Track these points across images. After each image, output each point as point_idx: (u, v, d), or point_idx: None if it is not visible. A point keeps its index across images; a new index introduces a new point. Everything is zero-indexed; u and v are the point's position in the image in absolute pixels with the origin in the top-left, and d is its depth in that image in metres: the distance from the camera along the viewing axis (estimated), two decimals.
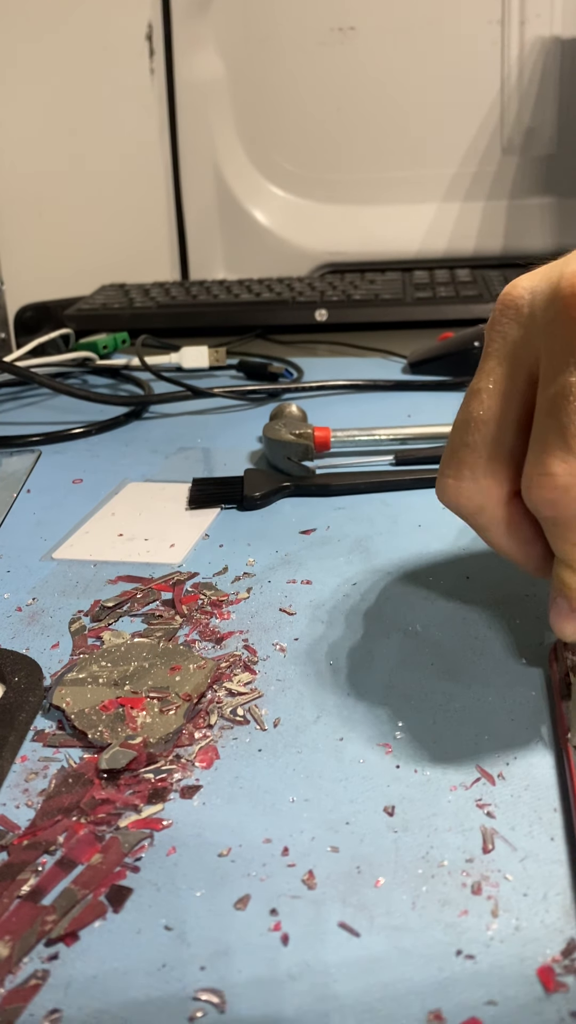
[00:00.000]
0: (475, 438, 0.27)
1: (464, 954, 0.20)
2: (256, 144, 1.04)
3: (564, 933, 0.21)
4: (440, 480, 0.28)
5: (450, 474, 0.27)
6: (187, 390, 0.62)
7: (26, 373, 0.61)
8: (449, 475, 0.28)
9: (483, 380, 0.27)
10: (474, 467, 0.27)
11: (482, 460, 0.27)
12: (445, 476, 0.28)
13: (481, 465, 0.27)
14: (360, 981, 0.20)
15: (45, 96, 0.92)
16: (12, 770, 0.27)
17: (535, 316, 0.26)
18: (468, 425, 0.27)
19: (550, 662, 0.30)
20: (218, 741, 0.28)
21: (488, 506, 0.27)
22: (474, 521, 0.28)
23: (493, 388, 0.27)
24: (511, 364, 0.27)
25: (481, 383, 0.27)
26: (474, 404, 0.27)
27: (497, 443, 0.27)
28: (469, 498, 0.27)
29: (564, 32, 0.94)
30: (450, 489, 0.28)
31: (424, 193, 1.01)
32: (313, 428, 0.49)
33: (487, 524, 0.28)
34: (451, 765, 0.26)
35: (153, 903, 0.22)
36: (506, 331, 0.27)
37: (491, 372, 0.27)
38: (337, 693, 0.30)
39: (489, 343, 0.27)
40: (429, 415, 0.58)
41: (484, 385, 0.27)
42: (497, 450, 0.27)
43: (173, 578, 0.38)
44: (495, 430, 0.27)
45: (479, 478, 0.27)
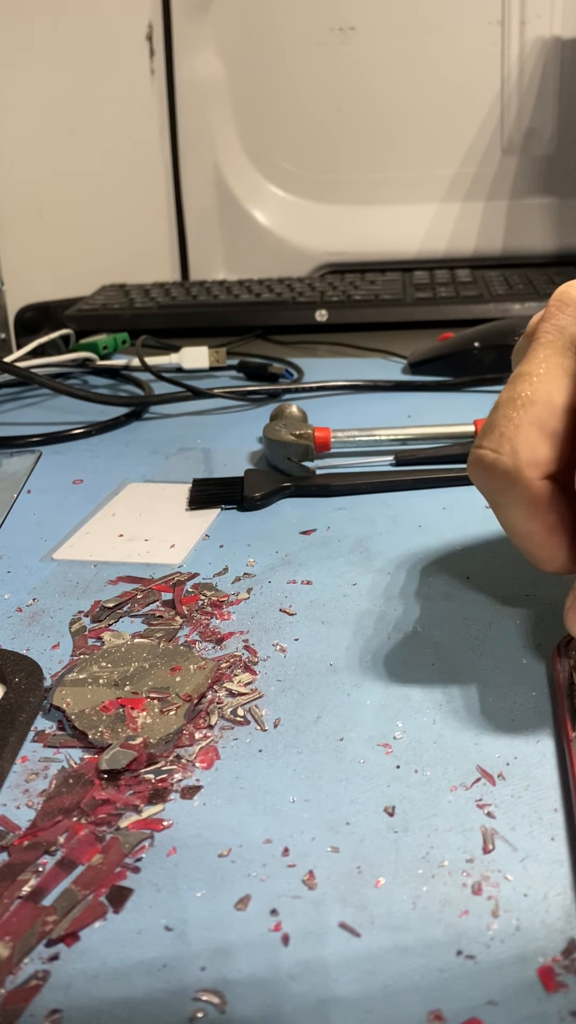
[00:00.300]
0: (520, 415, 0.27)
1: (464, 954, 0.21)
2: (256, 144, 1.04)
3: (564, 933, 0.21)
4: (475, 452, 0.28)
5: (489, 446, 0.27)
6: (187, 391, 0.62)
7: (26, 373, 0.61)
8: (487, 446, 0.27)
9: (533, 364, 0.28)
10: (514, 441, 0.27)
11: (524, 436, 0.27)
12: (482, 448, 0.27)
13: (522, 440, 0.27)
14: (360, 981, 0.20)
15: (45, 96, 0.92)
16: (12, 771, 0.27)
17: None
18: (514, 402, 0.27)
19: (553, 661, 0.30)
20: (218, 741, 0.28)
21: (520, 483, 0.27)
22: (502, 498, 0.28)
23: (544, 372, 0.27)
24: (565, 354, 0.28)
25: (531, 367, 0.28)
26: (522, 385, 0.27)
27: (542, 423, 0.27)
28: (505, 472, 0.27)
29: (564, 32, 0.94)
30: (486, 460, 0.27)
31: (424, 193, 1.01)
32: (313, 428, 0.49)
33: (515, 502, 0.27)
34: (451, 765, 0.26)
35: (153, 903, 0.22)
36: (562, 324, 0.28)
37: (543, 359, 0.28)
38: (337, 693, 0.30)
39: (542, 334, 0.28)
40: (429, 415, 0.58)
41: (535, 369, 0.28)
42: (541, 430, 0.27)
43: (173, 579, 0.38)
44: (541, 410, 0.27)
45: (519, 452, 0.27)
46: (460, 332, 0.69)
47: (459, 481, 0.47)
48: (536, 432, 0.27)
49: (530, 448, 0.27)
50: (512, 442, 0.27)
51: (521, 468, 0.27)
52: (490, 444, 0.27)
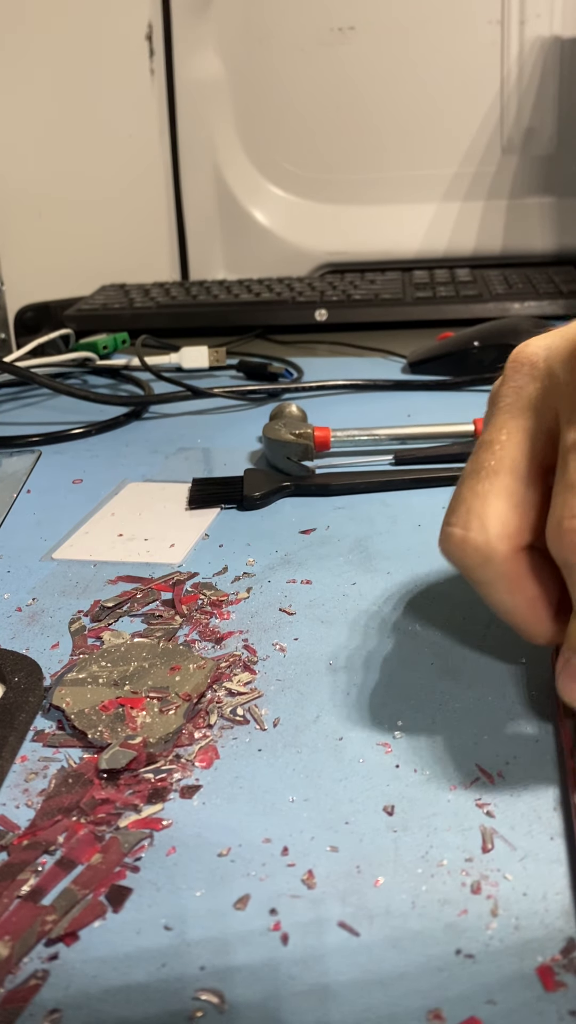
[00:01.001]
0: (486, 487, 0.26)
1: (464, 953, 0.21)
2: (256, 144, 1.04)
3: (563, 932, 0.21)
4: (445, 530, 0.27)
5: (458, 524, 0.26)
6: (187, 390, 0.62)
7: (26, 373, 0.61)
8: (456, 524, 0.27)
9: (496, 432, 0.27)
10: (484, 517, 0.26)
11: (493, 510, 0.26)
12: (451, 526, 0.27)
13: (492, 515, 0.26)
14: (359, 980, 0.20)
15: (45, 96, 0.92)
16: (12, 770, 0.27)
17: (553, 372, 0.26)
18: (479, 474, 0.27)
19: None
20: (218, 741, 0.28)
21: (495, 559, 0.26)
22: (479, 575, 0.27)
23: (507, 439, 0.27)
24: (527, 417, 0.27)
25: (493, 435, 0.27)
26: (485, 455, 0.27)
27: (509, 493, 0.26)
28: (476, 549, 0.26)
29: (564, 32, 0.94)
30: (457, 540, 0.26)
31: (424, 193, 1.01)
32: (313, 428, 0.49)
33: (492, 579, 0.27)
34: (451, 765, 0.26)
35: (153, 903, 0.22)
36: (520, 386, 0.27)
37: (504, 425, 0.27)
38: (337, 693, 0.30)
39: (502, 399, 0.27)
40: (429, 415, 0.58)
41: (496, 436, 0.27)
42: (509, 500, 0.26)
43: (173, 578, 0.38)
44: (508, 481, 0.26)
45: (489, 528, 0.26)
46: (460, 331, 0.69)
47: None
48: (504, 503, 0.26)
49: (500, 521, 0.26)
50: (480, 517, 0.26)
51: (492, 544, 0.26)
52: (458, 521, 0.26)
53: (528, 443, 0.26)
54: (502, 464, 0.26)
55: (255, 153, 1.04)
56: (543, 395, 0.26)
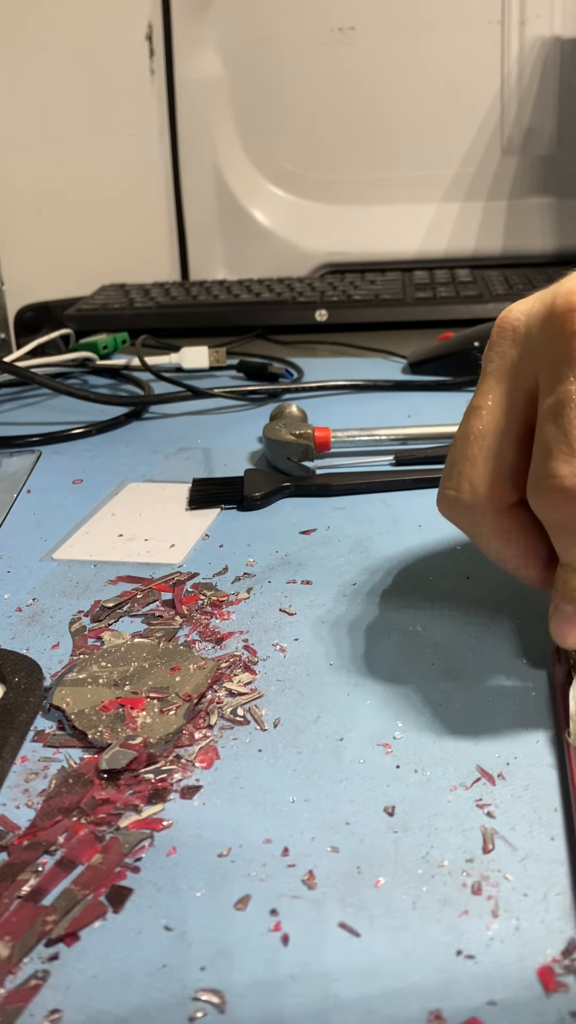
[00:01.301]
0: (474, 451, 0.28)
1: (464, 954, 0.20)
2: (256, 144, 1.04)
3: (564, 933, 0.21)
4: (441, 492, 0.29)
5: (450, 486, 0.29)
6: (187, 390, 0.62)
7: (26, 373, 0.61)
8: (449, 487, 0.29)
9: (482, 398, 0.28)
10: (473, 479, 0.28)
11: (481, 472, 0.28)
12: (445, 488, 0.29)
13: (480, 477, 0.28)
14: (360, 981, 0.20)
15: (45, 96, 0.92)
16: (12, 770, 0.27)
17: (531, 336, 0.27)
18: (468, 439, 0.28)
19: (553, 662, 0.30)
20: (218, 741, 0.28)
21: (487, 517, 0.28)
22: (473, 531, 0.29)
23: (492, 405, 0.28)
24: (510, 382, 0.28)
25: (480, 400, 0.28)
26: (474, 420, 0.28)
27: (497, 456, 0.28)
28: (469, 509, 0.28)
29: (564, 32, 0.94)
30: (450, 501, 0.29)
31: (424, 193, 1.01)
32: (313, 428, 0.49)
33: (487, 534, 0.29)
34: (451, 765, 0.26)
35: (153, 903, 0.22)
36: (504, 351, 0.28)
37: (490, 390, 0.28)
38: (337, 693, 0.30)
39: (487, 364, 0.29)
40: (429, 415, 0.58)
41: (483, 402, 0.28)
42: (496, 462, 0.28)
43: (173, 578, 0.38)
44: (494, 443, 0.28)
45: (478, 489, 0.28)
46: (460, 332, 0.69)
47: None
48: (492, 465, 0.28)
49: (488, 482, 0.28)
50: (470, 479, 0.28)
51: (483, 504, 0.28)
52: (451, 484, 0.29)
53: (511, 407, 0.28)
54: (488, 428, 0.28)
55: (255, 153, 1.04)
56: (523, 359, 0.28)
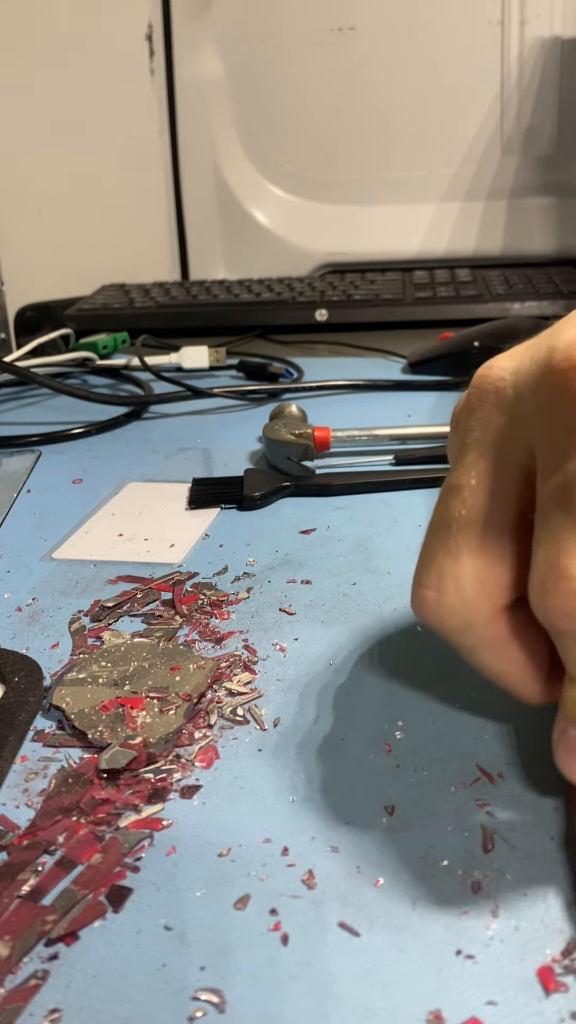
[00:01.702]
0: (458, 541, 0.23)
1: (464, 954, 0.20)
2: (256, 144, 1.04)
3: (564, 933, 0.21)
4: (417, 592, 0.24)
5: (430, 585, 0.23)
6: (187, 390, 0.62)
7: (26, 373, 0.61)
8: (429, 586, 0.23)
9: (463, 475, 0.23)
10: (459, 576, 0.23)
11: (468, 568, 0.23)
12: (424, 588, 0.23)
13: (467, 574, 0.23)
14: (360, 981, 0.20)
15: (45, 96, 0.92)
16: (12, 770, 0.27)
17: (523, 399, 0.23)
18: (449, 527, 0.23)
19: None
20: (218, 741, 0.28)
21: (477, 623, 0.23)
22: (460, 640, 0.24)
23: (477, 484, 0.23)
24: (497, 455, 0.23)
25: (461, 478, 0.23)
26: (454, 503, 0.23)
27: (484, 547, 0.23)
28: (454, 614, 0.23)
29: (564, 32, 0.94)
30: (431, 604, 0.23)
31: (424, 193, 1.01)
32: (313, 428, 0.49)
33: (476, 644, 0.24)
34: (451, 765, 0.26)
35: (153, 903, 0.22)
36: (487, 418, 0.23)
37: (472, 465, 0.23)
38: (337, 693, 0.30)
39: (467, 433, 0.24)
40: (429, 415, 0.58)
41: (465, 480, 0.23)
42: (485, 555, 0.23)
43: (173, 578, 0.38)
44: (482, 531, 0.23)
45: (465, 589, 0.23)
46: (460, 332, 0.69)
47: None
48: (480, 559, 0.23)
49: (477, 581, 0.23)
50: (455, 577, 0.23)
51: (472, 607, 0.23)
52: (431, 582, 0.23)
53: (501, 487, 0.23)
54: (474, 513, 0.23)
55: (255, 153, 1.04)
56: (513, 428, 0.23)
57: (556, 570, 0.20)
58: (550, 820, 0.24)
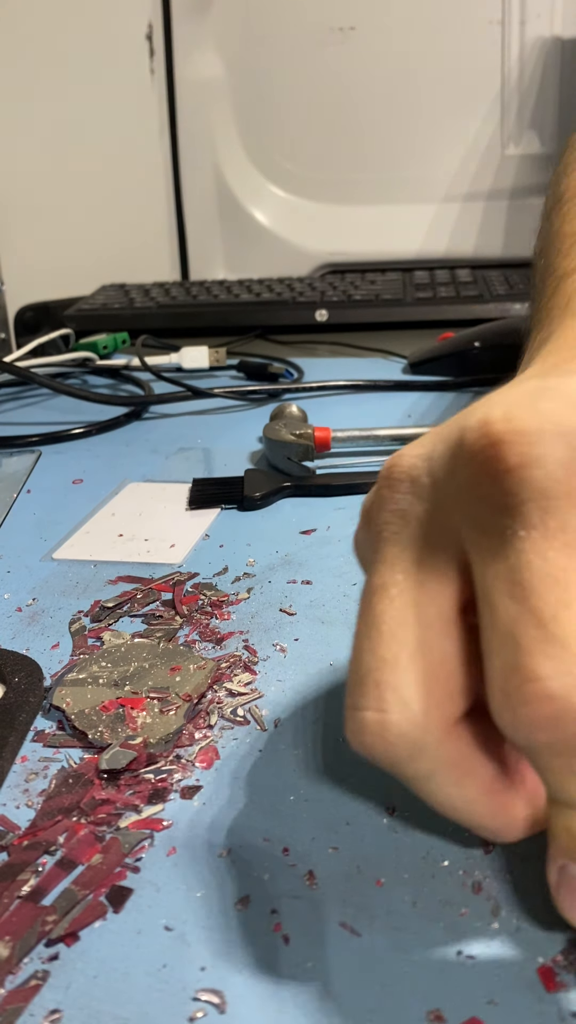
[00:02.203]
0: (394, 650, 0.20)
1: (464, 954, 0.20)
2: (256, 144, 1.04)
3: (564, 933, 0.21)
4: (354, 717, 0.20)
5: (368, 706, 0.20)
6: (187, 390, 0.62)
7: (26, 373, 0.61)
8: (367, 707, 0.20)
9: (386, 572, 0.21)
10: (400, 690, 0.19)
11: (410, 679, 0.19)
12: (360, 710, 0.20)
13: (410, 685, 0.19)
14: (360, 981, 0.20)
15: (45, 96, 0.92)
16: (12, 770, 0.27)
17: (439, 484, 0.21)
18: (380, 634, 0.20)
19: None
20: (218, 741, 0.28)
21: (430, 744, 0.19)
22: (413, 768, 0.20)
23: (404, 579, 0.20)
24: (422, 546, 0.21)
25: (385, 577, 0.21)
26: (382, 605, 0.20)
27: (425, 650, 0.20)
28: (401, 734, 0.19)
29: (564, 32, 0.94)
30: (372, 727, 0.19)
31: (424, 193, 1.01)
32: (313, 428, 0.49)
33: (432, 769, 0.20)
34: None
35: (153, 903, 0.22)
36: (404, 509, 0.21)
37: (396, 560, 0.21)
38: (337, 693, 0.30)
39: (382, 528, 0.21)
40: (429, 415, 0.58)
41: (390, 579, 0.21)
42: (427, 659, 0.20)
43: (173, 578, 0.38)
44: (419, 634, 0.20)
45: (411, 704, 0.19)
46: (460, 332, 0.69)
47: None
48: (423, 664, 0.20)
49: (423, 692, 0.19)
50: (397, 690, 0.19)
51: (421, 723, 0.19)
52: (369, 702, 0.20)
53: (432, 579, 0.20)
54: (406, 614, 0.20)
55: (255, 153, 1.04)
56: (435, 516, 0.21)
57: (520, 673, 0.18)
58: None
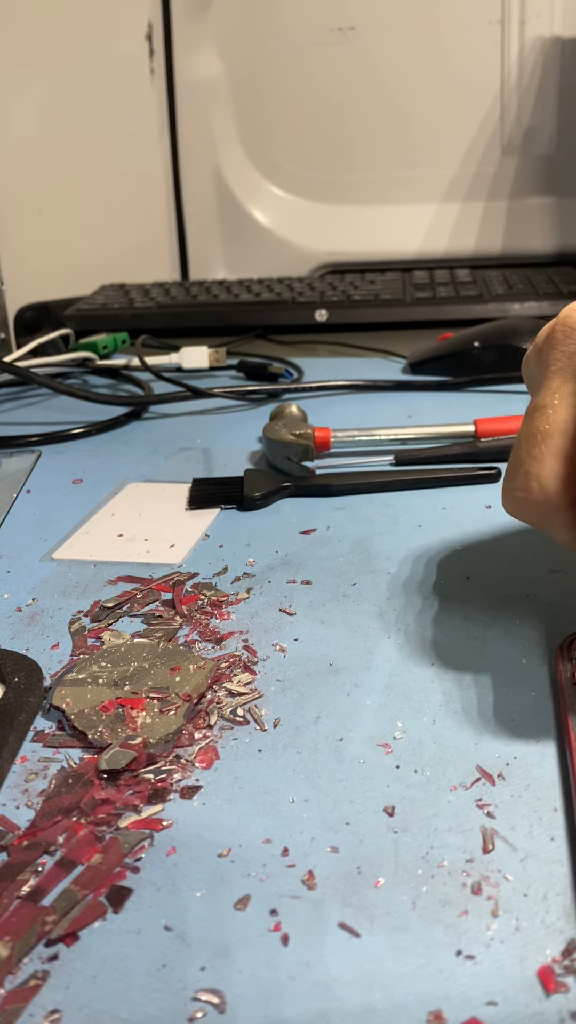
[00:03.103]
0: (542, 450, 0.28)
1: (464, 954, 0.20)
2: (256, 144, 1.04)
3: (564, 933, 0.21)
4: (508, 493, 0.29)
5: (518, 487, 0.28)
6: (187, 390, 0.62)
7: (26, 373, 0.61)
8: (517, 487, 0.28)
9: (548, 396, 0.28)
10: (542, 478, 0.28)
11: (549, 471, 0.28)
12: (513, 490, 0.28)
13: (549, 476, 0.28)
14: (360, 981, 0.20)
15: (45, 96, 0.92)
16: (12, 771, 0.27)
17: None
18: (535, 438, 0.28)
19: (556, 662, 0.30)
20: (218, 741, 0.28)
21: (559, 513, 0.28)
22: (546, 527, 0.29)
23: (559, 403, 0.28)
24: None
25: (546, 399, 0.28)
26: (539, 419, 0.28)
27: (564, 454, 0.27)
28: (540, 507, 0.28)
29: (564, 32, 0.94)
30: (519, 502, 0.28)
31: (424, 193, 1.01)
32: (313, 428, 0.49)
33: (561, 528, 0.28)
34: (451, 765, 0.26)
35: (153, 903, 0.22)
36: (571, 350, 0.28)
37: (557, 389, 0.28)
38: (337, 693, 0.30)
39: (552, 362, 0.29)
40: (429, 415, 0.58)
41: (550, 400, 0.28)
42: (565, 460, 0.27)
43: (173, 578, 0.38)
44: (562, 442, 0.28)
45: (548, 488, 0.28)
46: (460, 332, 0.69)
47: (459, 481, 0.47)
48: (561, 463, 0.27)
49: (559, 480, 0.27)
50: (539, 479, 0.28)
51: (553, 502, 0.28)
52: (518, 485, 0.28)
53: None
54: (555, 427, 0.28)
55: (255, 153, 1.04)
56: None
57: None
58: (550, 820, 0.24)
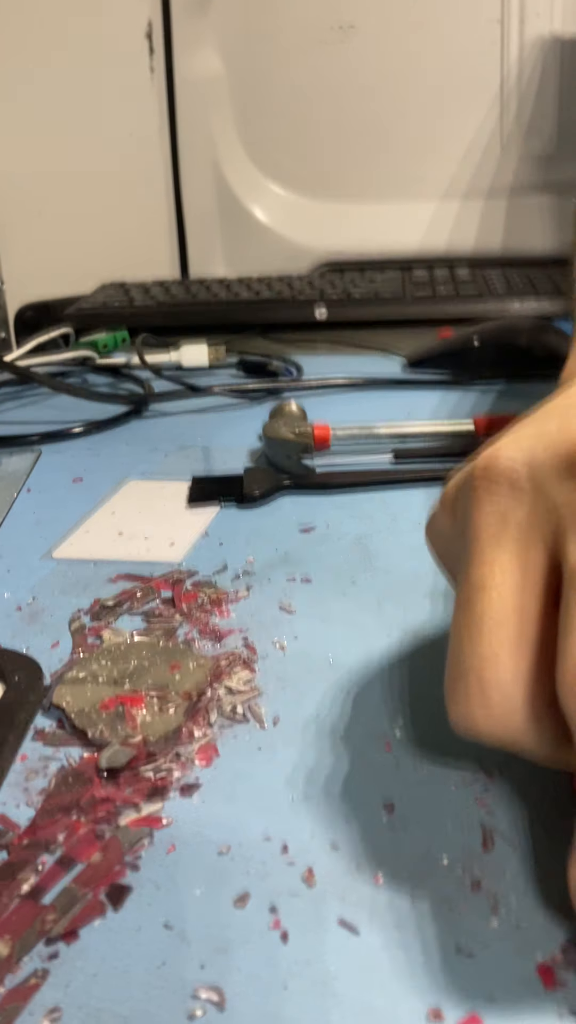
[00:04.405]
0: (494, 648, 0.21)
1: (464, 952, 0.20)
2: (256, 143, 1.04)
3: (564, 931, 0.21)
4: (460, 711, 0.22)
5: (475, 703, 0.21)
6: (187, 388, 0.62)
7: (26, 372, 0.61)
8: (474, 704, 0.21)
9: (487, 573, 0.22)
10: (503, 684, 0.21)
11: (509, 672, 0.21)
12: (469, 707, 0.21)
13: (509, 681, 0.21)
14: (360, 979, 0.20)
15: (44, 95, 0.92)
16: (12, 769, 0.27)
17: (543, 489, 0.22)
18: (480, 630, 0.21)
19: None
20: (218, 739, 0.28)
21: (532, 728, 0.21)
22: (517, 748, 0.22)
23: (503, 580, 0.22)
24: (523, 549, 0.22)
25: (486, 577, 0.22)
26: (482, 603, 0.22)
27: (524, 647, 0.21)
28: (507, 726, 0.21)
29: (564, 32, 0.94)
30: (481, 723, 0.21)
31: (424, 191, 1.01)
32: (313, 426, 0.49)
33: (536, 745, 0.22)
34: (451, 763, 0.26)
35: (153, 901, 0.22)
36: (504, 511, 0.22)
37: (495, 561, 0.22)
38: (337, 691, 0.30)
39: (484, 528, 0.22)
40: (428, 412, 0.58)
41: (490, 579, 0.22)
42: (525, 654, 0.21)
43: (173, 576, 0.38)
44: (518, 631, 0.21)
45: (514, 697, 0.21)
46: (459, 330, 0.69)
47: None
48: (521, 659, 0.21)
49: (523, 684, 0.21)
50: (501, 686, 0.21)
51: (526, 713, 0.21)
52: (475, 700, 0.21)
53: (530, 579, 0.22)
54: (504, 611, 0.21)
55: (255, 151, 1.04)
56: (536, 520, 0.22)
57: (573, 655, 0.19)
58: (550, 818, 0.24)
